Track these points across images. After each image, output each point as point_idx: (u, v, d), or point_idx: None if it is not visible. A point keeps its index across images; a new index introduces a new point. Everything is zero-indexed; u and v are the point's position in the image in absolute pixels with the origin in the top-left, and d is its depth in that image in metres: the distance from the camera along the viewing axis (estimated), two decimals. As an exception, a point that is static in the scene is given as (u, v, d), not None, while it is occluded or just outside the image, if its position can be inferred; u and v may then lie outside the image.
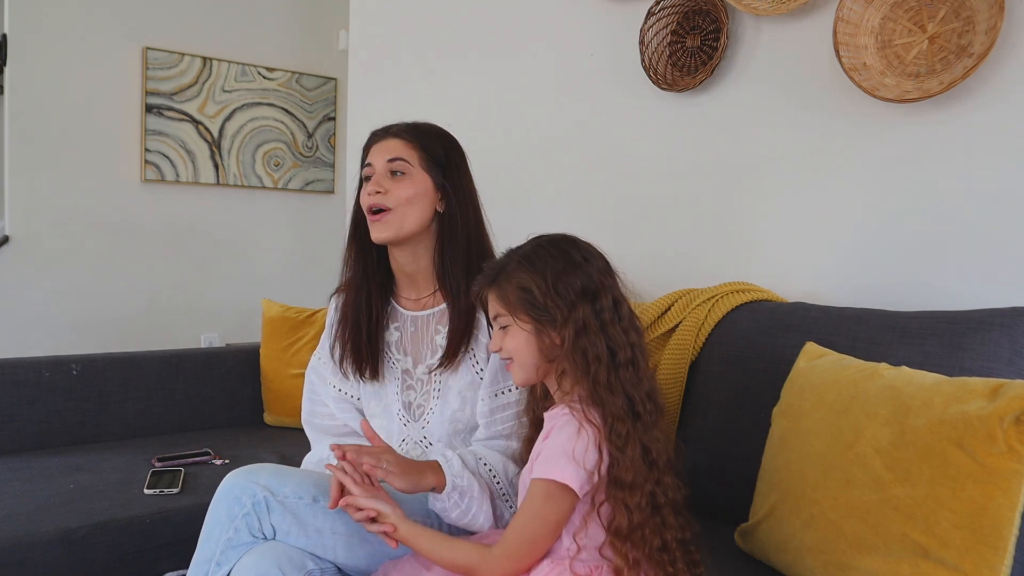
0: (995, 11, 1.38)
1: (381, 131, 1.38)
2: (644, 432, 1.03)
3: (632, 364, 1.06)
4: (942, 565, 0.96)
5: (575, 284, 1.05)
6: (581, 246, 1.10)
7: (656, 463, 1.03)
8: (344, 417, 1.46)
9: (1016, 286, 1.41)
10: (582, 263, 1.07)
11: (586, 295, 1.05)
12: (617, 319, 1.06)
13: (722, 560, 1.27)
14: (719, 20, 1.82)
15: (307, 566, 1.16)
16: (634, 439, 1.02)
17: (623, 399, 1.03)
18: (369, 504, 1.12)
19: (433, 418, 1.38)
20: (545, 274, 1.05)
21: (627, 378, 1.04)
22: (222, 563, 1.18)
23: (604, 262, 1.10)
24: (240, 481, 1.21)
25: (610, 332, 1.05)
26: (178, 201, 3.58)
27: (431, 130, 1.40)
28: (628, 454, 1.01)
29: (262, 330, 2.35)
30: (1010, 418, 0.95)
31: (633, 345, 1.06)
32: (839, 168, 1.66)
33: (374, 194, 1.32)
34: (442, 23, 2.58)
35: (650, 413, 1.05)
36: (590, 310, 1.04)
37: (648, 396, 1.06)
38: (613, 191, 2.11)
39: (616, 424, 1.02)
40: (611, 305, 1.06)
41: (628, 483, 1.01)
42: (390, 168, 1.33)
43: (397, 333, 1.43)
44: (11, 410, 1.94)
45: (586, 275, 1.06)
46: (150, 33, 3.45)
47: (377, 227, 1.33)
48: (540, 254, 1.08)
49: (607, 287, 1.07)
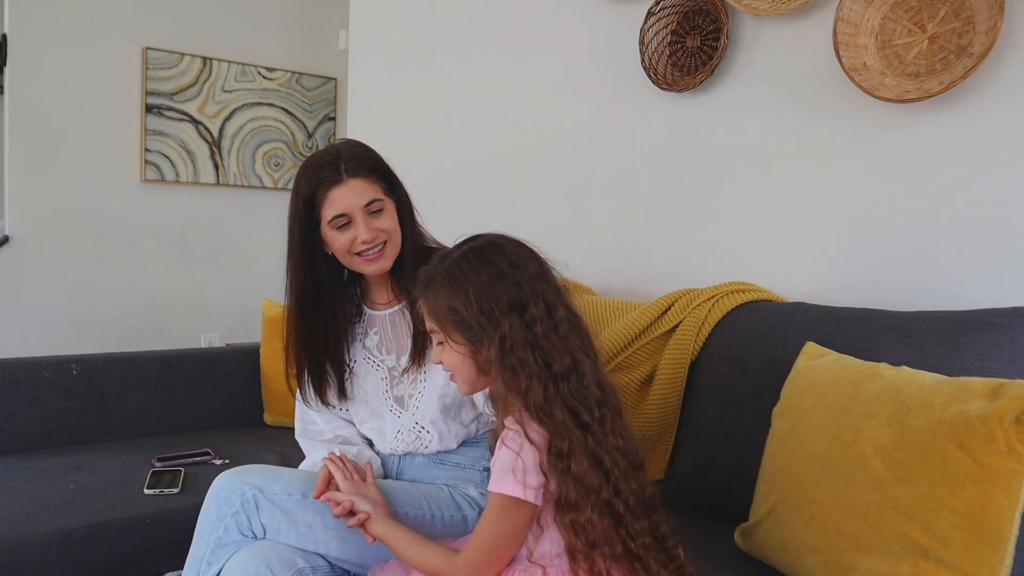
0: (995, 11, 1.38)
1: (332, 174, 1.30)
2: (595, 443, 0.98)
3: (573, 372, 1.00)
4: (942, 565, 0.97)
5: (501, 299, 0.99)
6: (509, 252, 1.03)
7: (611, 472, 0.98)
8: (332, 428, 1.48)
9: (1016, 286, 1.41)
10: (509, 273, 1.01)
11: (514, 308, 0.99)
12: (552, 327, 1.00)
13: (722, 560, 1.27)
14: (719, 20, 1.82)
15: (297, 564, 1.17)
16: (579, 454, 0.97)
17: (564, 412, 0.98)
18: (346, 498, 1.16)
19: (423, 402, 1.39)
20: (469, 292, 1.00)
21: (568, 389, 0.99)
22: (212, 562, 1.19)
23: (537, 265, 1.04)
24: (229, 481, 1.22)
25: (543, 344, 0.99)
26: (178, 201, 3.58)
27: (364, 153, 1.36)
28: (573, 470, 0.96)
29: (262, 330, 2.35)
30: (1010, 418, 0.95)
31: (573, 351, 1.00)
32: (839, 168, 1.66)
33: (371, 241, 1.31)
34: (442, 23, 2.58)
35: (601, 420, 0.99)
36: (518, 323, 0.99)
37: (598, 403, 1.00)
38: (613, 191, 2.11)
39: (556, 441, 0.97)
40: (543, 313, 1.00)
41: (573, 502, 0.96)
42: (369, 211, 1.32)
43: (376, 336, 1.44)
44: (11, 410, 1.94)
45: (514, 285, 1.00)
46: (150, 33, 3.46)
47: (376, 264, 1.34)
48: (464, 269, 1.02)
49: (539, 293, 1.01)
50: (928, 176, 1.53)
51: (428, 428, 1.39)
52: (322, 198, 1.30)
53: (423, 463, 1.42)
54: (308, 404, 1.44)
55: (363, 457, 1.41)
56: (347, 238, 1.32)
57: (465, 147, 2.49)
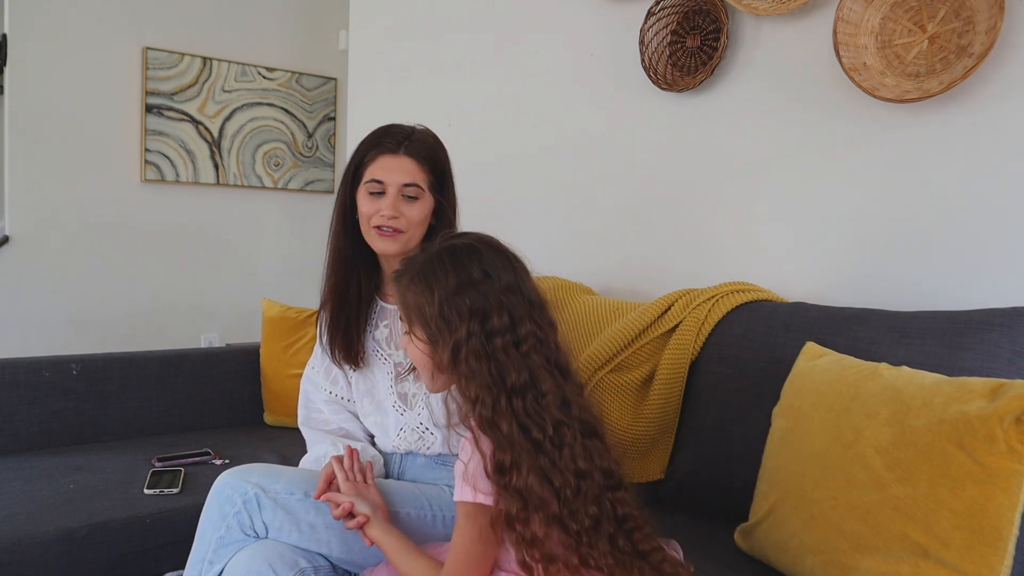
0: (995, 11, 1.38)
1: (392, 143, 1.34)
2: (548, 462, 0.95)
3: (530, 389, 0.97)
4: (942, 565, 0.97)
5: (463, 305, 0.98)
6: (485, 259, 1.01)
7: (561, 491, 0.95)
8: (337, 419, 1.47)
9: (1016, 286, 1.41)
10: (479, 280, 0.99)
11: (475, 316, 0.98)
12: (514, 341, 0.98)
13: (722, 560, 1.27)
14: (719, 20, 1.82)
15: (299, 564, 1.17)
16: (524, 468, 0.94)
17: (512, 427, 0.95)
18: (346, 499, 1.16)
19: (428, 402, 1.39)
20: (434, 292, 0.99)
21: (522, 406, 0.96)
22: (214, 562, 1.19)
23: (511, 276, 1.01)
24: (232, 480, 1.22)
25: (500, 357, 0.97)
26: (178, 201, 3.58)
27: (433, 144, 1.39)
28: (515, 484, 0.94)
29: (262, 330, 2.35)
30: (1010, 418, 0.95)
31: (533, 368, 0.97)
32: (839, 168, 1.66)
33: (390, 218, 1.33)
34: (442, 23, 2.58)
35: (556, 440, 0.96)
36: (477, 332, 0.97)
37: (557, 423, 0.97)
38: (613, 191, 2.11)
39: (499, 453, 0.95)
40: (506, 326, 0.97)
41: (515, 516, 0.94)
42: (405, 192, 1.34)
43: (386, 330, 1.44)
44: (11, 410, 1.94)
45: (480, 294, 0.98)
46: (150, 33, 3.46)
47: (386, 242, 1.35)
48: (436, 268, 1.01)
49: (504, 305, 0.98)
50: (928, 176, 1.53)
51: (432, 430, 1.39)
52: (371, 159, 1.35)
53: (425, 463, 1.42)
54: (344, 363, 1.43)
55: (367, 454, 1.41)
56: (373, 207, 1.34)
57: (465, 147, 2.48)
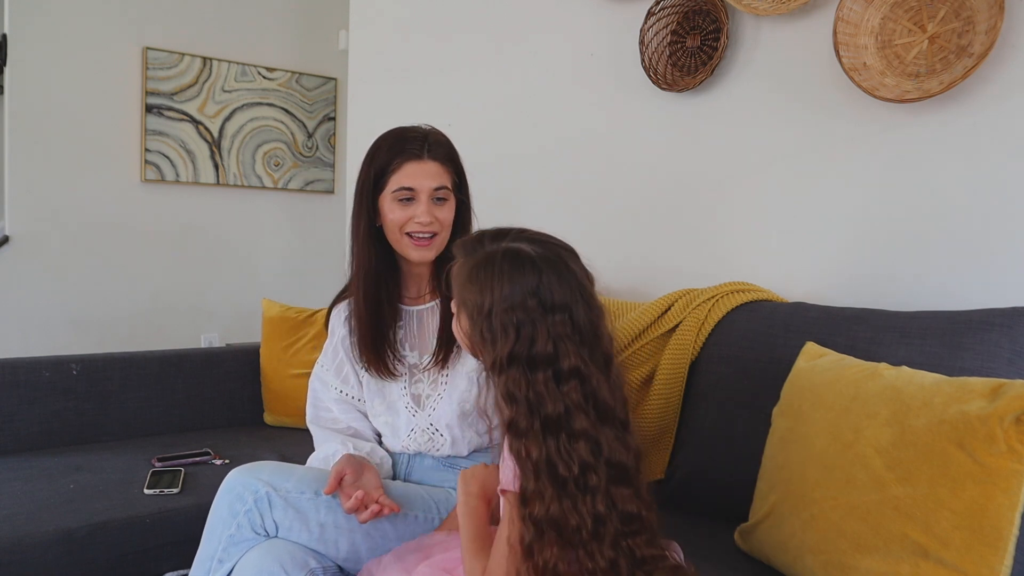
0: (995, 11, 1.38)
1: (416, 148, 1.33)
2: (569, 504, 0.91)
3: (563, 427, 0.92)
4: (942, 565, 0.97)
5: (510, 323, 0.93)
6: (545, 278, 0.94)
7: (578, 532, 0.91)
8: (347, 418, 1.47)
9: (1016, 286, 1.41)
10: (532, 305, 0.93)
11: (521, 339, 0.93)
12: (555, 375, 0.93)
13: (722, 560, 1.27)
14: (719, 20, 1.82)
15: (309, 564, 1.17)
16: (545, 501, 0.91)
17: (541, 457, 0.92)
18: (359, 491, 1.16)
19: (440, 404, 1.39)
20: (485, 296, 0.94)
21: (554, 444, 0.92)
22: (224, 560, 1.18)
23: (565, 302, 0.95)
24: (242, 478, 1.21)
25: (539, 387, 0.92)
26: (178, 201, 3.58)
27: (449, 143, 1.40)
28: (535, 515, 0.91)
29: (262, 330, 2.35)
30: (1010, 418, 0.95)
31: (570, 406, 0.93)
32: (839, 168, 1.66)
33: (427, 224, 1.33)
34: (441, 23, 2.58)
35: (580, 482, 0.92)
36: (523, 355, 0.93)
37: (584, 466, 0.92)
38: (613, 191, 2.11)
39: (524, 481, 0.93)
40: (551, 357, 0.93)
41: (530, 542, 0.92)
42: (435, 196, 1.34)
43: (402, 331, 1.44)
44: (11, 410, 1.94)
45: (529, 318, 0.93)
46: (150, 33, 3.45)
47: (422, 251, 1.35)
48: (493, 271, 0.95)
49: (551, 336, 0.93)
50: (928, 176, 1.53)
51: (443, 431, 1.39)
52: (396, 167, 1.33)
53: (432, 465, 1.41)
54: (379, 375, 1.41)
55: (376, 455, 1.40)
56: (404, 214, 1.33)
57: (465, 147, 2.47)
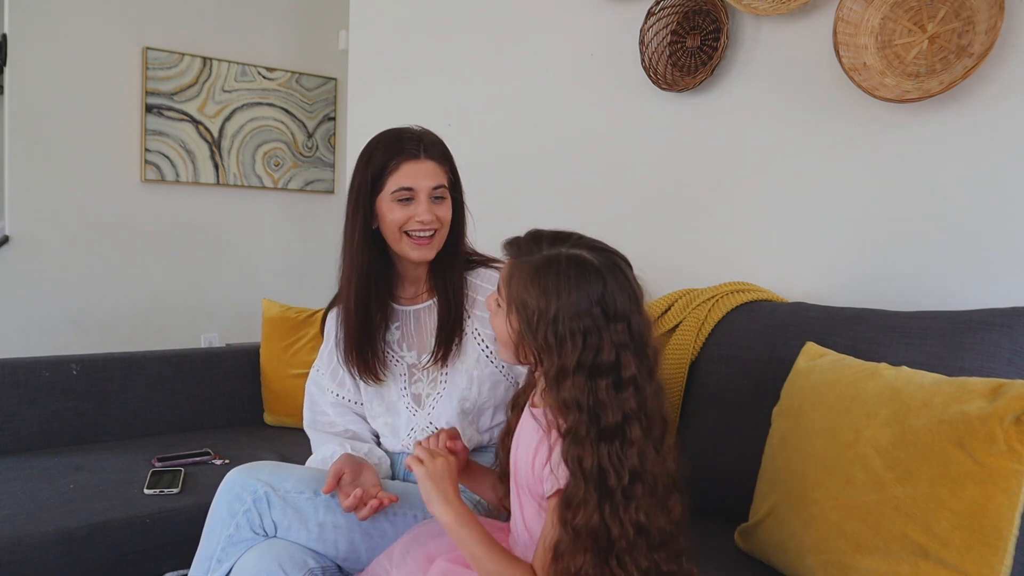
0: (995, 11, 1.38)
1: (413, 148, 1.33)
2: (611, 511, 0.92)
3: (618, 435, 0.93)
4: (942, 565, 0.97)
5: (577, 331, 0.92)
6: (610, 287, 0.94)
7: (616, 543, 0.92)
8: (343, 421, 1.47)
9: (1016, 286, 1.41)
10: (598, 313, 0.93)
11: (588, 348, 0.93)
12: (615, 383, 0.93)
13: (722, 560, 1.27)
14: (719, 20, 1.82)
15: (308, 564, 1.17)
16: (589, 510, 0.92)
17: (593, 466, 0.92)
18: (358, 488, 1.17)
19: (440, 402, 1.39)
20: (550, 302, 0.93)
21: (607, 450, 0.92)
22: (223, 560, 1.19)
23: (626, 311, 0.94)
24: (241, 478, 1.22)
25: (600, 396, 0.93)
26: (178, 201, 3.58)
27: (442, 143, 1.40)
28: (575, 523, 0.92)
29: (262, 330, 2.35)
30: (1010, 418, 0.95)
31: (627, 413, 0.93)
32: (839, 168, 1.66)
33: (428, 223, 1.33)
34: (441, 23, 2.58)
35: (627, 492, 0.93)
36: (588, 363, 0.93)
37: (633, 474, 0.93)
38: (613, 191, 2.11)
39: (571, 488, 0.93)
40: (613, 365, 0.93)
41: (564, 551, 0.93)
42: (434, 195, 1.34)
43: (398, 332, 1.43)
44: (11, 410, 1.94)
45: (596, 326, 0.93)
46: (150, 33, 3.45)
47: (423, 250, 1.35)
48: (559, 277, 0.94)
49: (615, 345, 0.93)
50: (928, 176, 1.53)
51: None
52: (394, 168, 1.32)
53: None
54: (364, 381, 1.42)
55: (373, 456, 1.40)
56: (404, 214, 1.32)
57: (465, 147, 2.47)
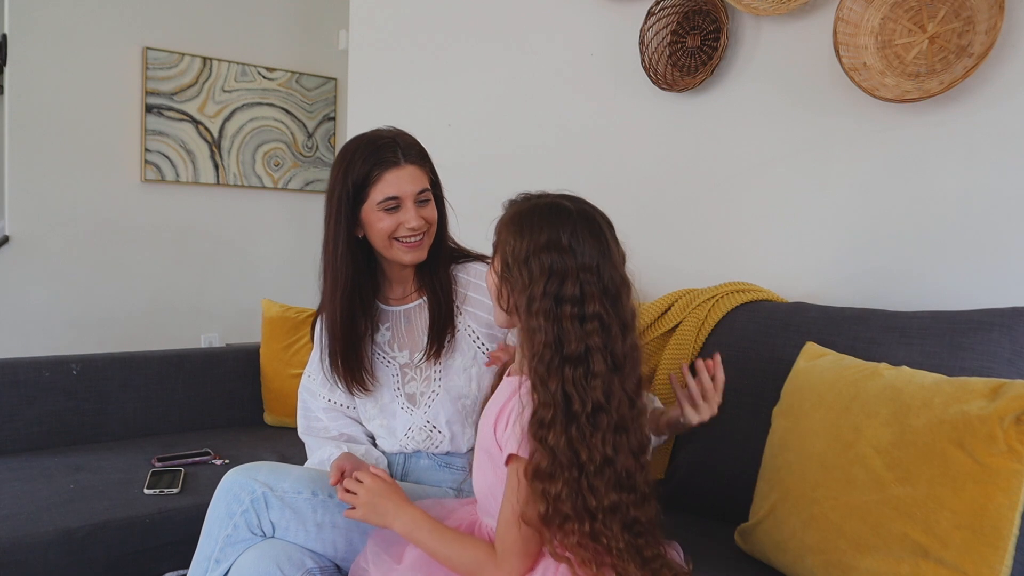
0: (995, 11, 1.38)
1: (391, 156, 1.31)
2: (577, 434, 0.97)
3: (583, 364, 0.99)
4: (942, 565, 0.97)
5: (544, 262, 1.00)
6: (579, 231, 1.03)
7: (585, 466, 0.97)
8: (337, 426, 1.47)
9: (1016, 286, 1.41)
10: (564, 248, 1.01)
11: (553, 277, 1.00)
12: (579, 315, 1.00)
13: (722, 560, 1.27)
14: (719, 20, 1.82)
15: (306, 564, 1.17)
16: (559, 430, 0.97)
17: (558, 390, 0.98)
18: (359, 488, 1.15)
19: (436, 401, 1.39)
20: (523, 240, 1.02)
21: (571, 375, 0.99)
22: (221, 560, 1.19)
23: (595, 258, 1.03)
24: (239, 478, 1.22)
25: (565, 324, 0.99)
26: (178, 201, 3.58)
27: (420, 145, 1.39)
28: (550, 442, 0.97)
29: (262, 330, 2.35)
30: (1010, 418, 0.95)
31: (591, 347, 1.00)
32: (839, 168, 1.66)
33: (418, 228, 1.32)
34: (441, 23, 2.58)
35: (592, 420, 0.98)
36: (553, 292, 1.00)
37: (596, 405, 0.99)
38: (613, 190, 2.10)
39: (541, 410, 0.99)
40: (577, 298, 1.00)
41: (545, 472, 0.97)
42: (419, 199, 1.34)
43: (388, 333, 1.43)
44: (11, 410, 1.94)
45: (562, 260, 1.01)
46: (150, 33, 3.45)
47: (415, 253, 1.35)
48: (533, 219, 1.04)
49: (580, 280, 1.01)
50: (928, 176, 1.53)
51: (441, 428, 1.39)
52: (377, 178, 1.30)
53: (428, 465, 1.41)
54: (351, 391, 1.42)
55: (371, 456, 1.41)
56: (392, 222, 1.32)
57: (465, 147, 2.49)
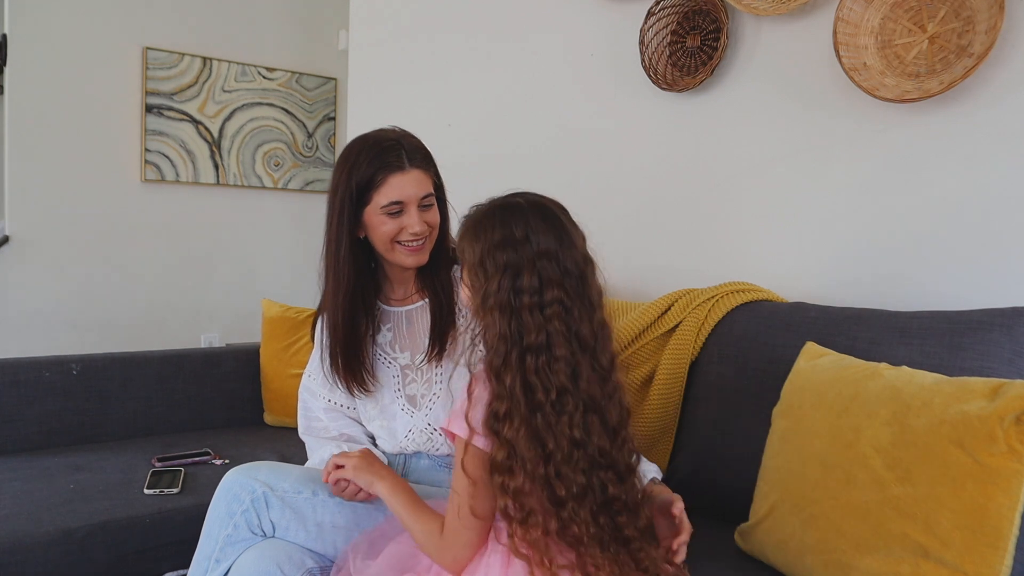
0: (995, 11, 1.38)
1: (396, 160, 1.30)
2: (543, 423, 0.98)
3: (544, 352, 1.00)
4: (942, 565, 0.97)
5: (500, 259, 1.02)
6: (532, 222, 1.04)
7: (552, 455, 0.98)
8: (337, 426, 1.47)
9: (1016, 286, 1.41)
10: (519, 240, 1.02)
11: (507, 271, 1.01)
12: (538, 304, 1.01)
13: (722, 560, 1.27)
14: (719, 20, 1.82)
15: (306, 564, 1.17)
16: (518, 422, 0.98)
17: (516, 382, 0.99)
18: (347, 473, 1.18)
19: (437, 403, 1.39)
20: (479, 243, 1.04)
21: (533, 365, 0.99)
22: (221, 560, 1.19)
23: (551, 244, 1.03)
24: (239, 478, 1.22)
25: (523, 316, 1.00)
26: (178, 201, 3.58)
27: (424, 147, 1.38)
28: (505, 435, 0.98)
29: (262, 330, 2.35)
30: (1010, 418, 0.95)
31: (552, 333, 1.00)
32: (839, 168, 1.66)
33: (421, 232, 1.33)
34: (442, 23, 2.58)
35: (558, 406, 0.99)
36: (507, 287, 1.01)
37: (562, 390, 1.00)
38: (613, 190, 2.11)
39: (495, 403, 0.99)
40: (535, 287, 1.01)
41: (502, 465, 0.98)
42: (423, 203, 1.33)
43: (390, 334, 1.43)
44: (11, 410, 1.94)
45: (517, 253, 1.02)
46: (150, 33, 3.46)
47: (417, 256, 1.35)
48: (486, 221, 1.05)
49: (537, 269, 1.01)
50: (928, 176, 1.53)
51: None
52: (381, 181, 1.30)
53: (429, 466, 1.41)
54: (351, 391, 1.42)
55: None
56: (396, 226, 1.31)
57: (465, 148, 2.49)
